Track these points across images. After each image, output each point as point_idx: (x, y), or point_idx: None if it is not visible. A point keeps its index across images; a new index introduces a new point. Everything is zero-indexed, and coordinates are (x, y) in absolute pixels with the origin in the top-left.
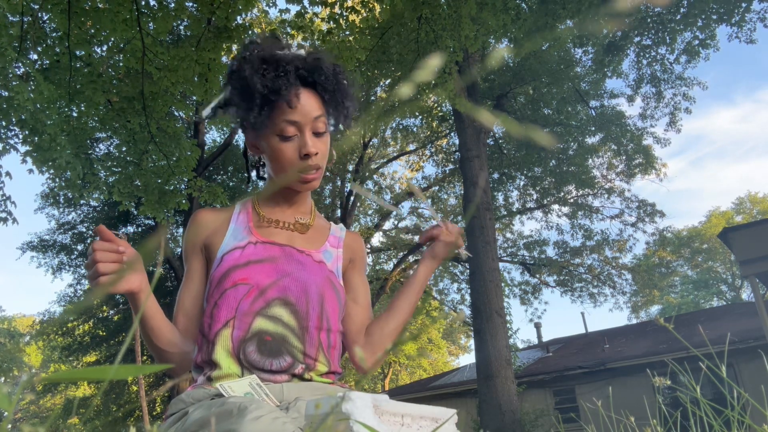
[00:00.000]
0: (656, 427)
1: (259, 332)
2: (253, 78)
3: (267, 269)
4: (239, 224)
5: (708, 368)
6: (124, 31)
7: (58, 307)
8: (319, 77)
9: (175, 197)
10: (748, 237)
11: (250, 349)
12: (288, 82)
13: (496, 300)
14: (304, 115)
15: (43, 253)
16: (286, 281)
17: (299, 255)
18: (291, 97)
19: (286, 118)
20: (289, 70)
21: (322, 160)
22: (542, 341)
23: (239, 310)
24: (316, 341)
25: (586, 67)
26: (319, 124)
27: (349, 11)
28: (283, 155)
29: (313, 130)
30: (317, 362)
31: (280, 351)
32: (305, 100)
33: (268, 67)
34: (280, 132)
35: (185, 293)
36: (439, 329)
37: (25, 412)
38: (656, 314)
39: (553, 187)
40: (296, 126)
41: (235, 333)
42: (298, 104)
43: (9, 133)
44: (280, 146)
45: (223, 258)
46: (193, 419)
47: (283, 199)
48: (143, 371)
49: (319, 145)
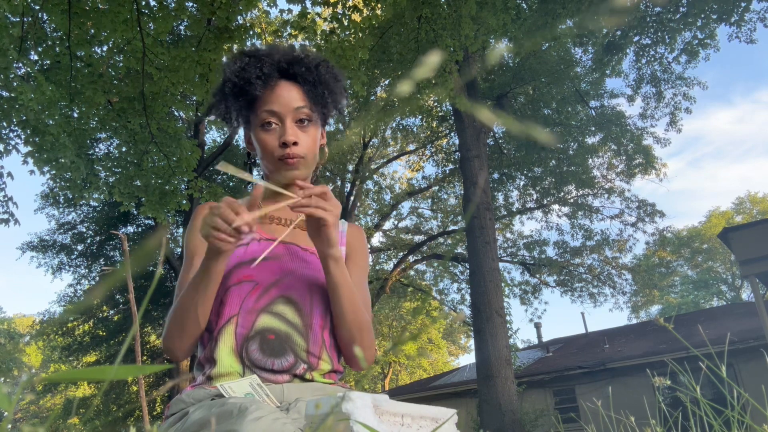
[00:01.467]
0: (656, 427)
1: (263, 330)
2: (232, 71)
3: (271, 267)
4: None
5: (708, 368)
6: (124, 32)
7: (58, 307)
8: (299, 69)
9: (176, 197)
10: (748, 237)
11: (252, 348)
12: (262, 72)
13: (496, 300)
14: (284, 105)
15: (43, 253)
16: (290, 279)
17: (303, 253)
18: (264, 86)
19: (266, 108)
20: (265, 62)
21: (304, 150)
22: (542, 341)
23: (243, 307)
24: (320, 339)
25: (586, 67)
26: (300, 114)
27: (351, 10)
28: (266, 144)
29: (294, 120)
30: (321, 360)
31: (282, 350)
32: (285, 91)
33: (248, 61)
34: (261, 122)
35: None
36: (439, 329)
37: (25, 412)
38: (656, 314)
39: (553, 187)
40: (276, 116)
41: (239, 330)
42: (275, 95)
43: (11, 134)
44: (262, 136)
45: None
46: (194, 419)
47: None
48: (143, 371)
49: (300, 135)
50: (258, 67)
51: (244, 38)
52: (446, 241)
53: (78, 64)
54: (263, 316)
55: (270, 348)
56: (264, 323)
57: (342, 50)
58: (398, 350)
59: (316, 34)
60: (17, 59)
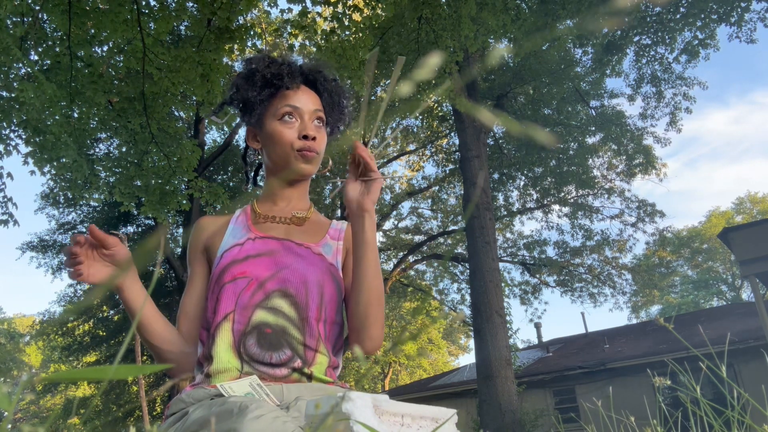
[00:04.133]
0: (656, 427)
1: (259, 325)
2: (260, 66)
3: (266, 262)
4: (238, 224)
5: (708, 368)
6: (124, 32)
7: (58, 307)
8: (320, 77)
9: (176, 197)
10: (748, 237)
11: (250, 342)
12: (291, 71)
13: (496, 300)
14: (305, 103)
15: (42, 253)
16: (285, 273)
17: (298, 248)
18: (292, 82)
19: (288, 102)
20: (292, 65)
21: (319, 147)
22: (542, 341)
23: (239, 303)
24: (316, 332)
25: (586, 67)
26: (318, 115)
27: (351, 10)
28: (283, 136)
29: (312, 120)
30: (317, 353)
31: (279, 343)
32: (306, 93)
33: (274, 61)
34: (281, 116)
35: (187, 297)
36: (439, 329)
37: (25, 412)
38: (656, 314)
39: (553, 187)
40: (297, 112)
41: (236, 326)
42: (299, 93)
43: (12, 134)
44: (280, 128)
45: (223, 255)
46: (194, 419)
47: (279, 197)
48: (143, 371)
49: (318, 133)
50: (287, 66)
51: (244, 38)
52: (446, 241)
53: (78, 64)
54: (259, 311)
55: (267, 342)
56: (260, 318)
57: (342, 50)
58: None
59: (316, 33)
60: (20, 59)
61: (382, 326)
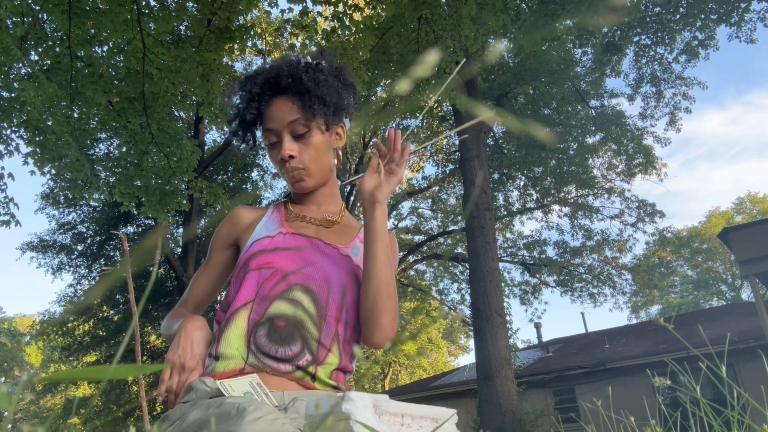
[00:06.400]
0: (656, 428)
1: (274, 317)
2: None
3: (293, 257)
4: (272, 219)
5: (708, 368)
6: (124, 32)
7: (58, 307)
8: (286, 81)
9: (176, 198)
10: (748, 237)
11: (260, 333)
12: (253, 94)
13: (496, 300)
14: (278, 121)
15: (43, 253)
16: (310, 270)
17: (326, 247)
18: (259, 107)
19: (265, 127)
20: (255, 83)
21: (304, 161)
22: (542, 341)
23: (260, 293)
24: (333, 331)
25: (586, 67)
26: (296, 127)
27: (352, 9)
28: (274, 162)
29: (291, 134)
30: (330, 353)
31: (290, 338)
32: (277, 108)
33: (242, 86)
34: (267, 142)
35: (202, 279)
36: (439, 329)
37: (25, 412)
38: (656, 314)
39: (553, 187)
40: (274, 133)
41: (252, 316)
42: (269, 113)
43: (13, 134)
44: (270, 154)
45: (253, 243)
46: (192, 420)
47: (309, 200)
48: (143, 371)
49: (297, 148)
50: (249, 90)
51: (244, 38)
52: (446, 241)
53: (78, 64)
54: (277, 302)
55: (278, 335)
56: (277, 309)
57: (343, 49)
58: (398, 350)
59: (317, 33)
60: (20, 59)
61: (393, 317)
